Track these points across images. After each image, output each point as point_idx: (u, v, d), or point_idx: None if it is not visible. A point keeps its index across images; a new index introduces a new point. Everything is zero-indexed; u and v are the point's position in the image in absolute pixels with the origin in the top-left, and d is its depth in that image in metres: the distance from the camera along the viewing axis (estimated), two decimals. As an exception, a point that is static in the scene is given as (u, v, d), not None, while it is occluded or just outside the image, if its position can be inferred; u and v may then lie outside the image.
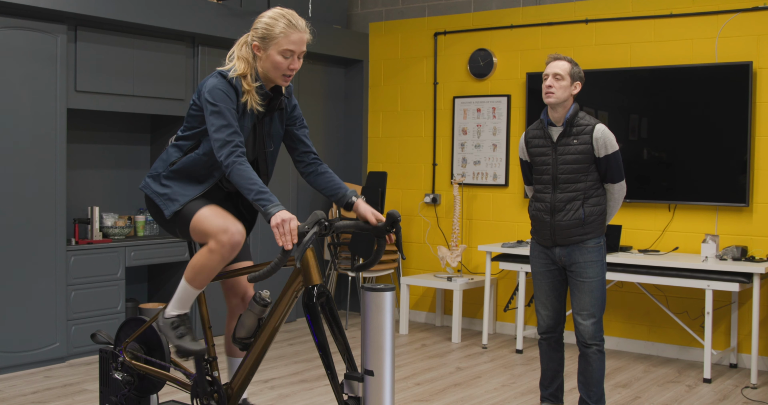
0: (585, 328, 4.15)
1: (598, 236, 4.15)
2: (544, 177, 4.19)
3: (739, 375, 5.57)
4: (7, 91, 5.18)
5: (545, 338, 4.37)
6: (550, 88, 4.08)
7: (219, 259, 3.16)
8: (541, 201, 4.21)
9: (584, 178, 4.10)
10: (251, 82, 3.18)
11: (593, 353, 4.17)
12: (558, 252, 4.18)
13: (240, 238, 3.15)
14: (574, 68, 4.12)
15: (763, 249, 5.69)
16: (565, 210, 4.11)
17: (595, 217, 4.12)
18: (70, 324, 5.52)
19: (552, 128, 4.17)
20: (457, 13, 7.06)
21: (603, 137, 4.07)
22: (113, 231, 5.92)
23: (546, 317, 4.32)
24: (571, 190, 4.11)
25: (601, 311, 4.15)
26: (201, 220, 3.17)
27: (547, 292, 4.29)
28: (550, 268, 4.25)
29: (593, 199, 4.12)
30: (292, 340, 6.38)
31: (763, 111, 5.71)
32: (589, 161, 4.09)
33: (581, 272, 4.13)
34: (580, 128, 4.10)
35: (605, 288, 4.17)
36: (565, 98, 4.09)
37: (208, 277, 3.25)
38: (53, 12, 5.28)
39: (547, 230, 4.17)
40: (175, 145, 3.32)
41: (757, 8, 5.74)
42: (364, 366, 3.00)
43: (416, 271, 7.27)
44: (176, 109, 6.10)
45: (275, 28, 3.18)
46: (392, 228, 3.21)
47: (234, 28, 6.04)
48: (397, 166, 7.40)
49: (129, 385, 3.67)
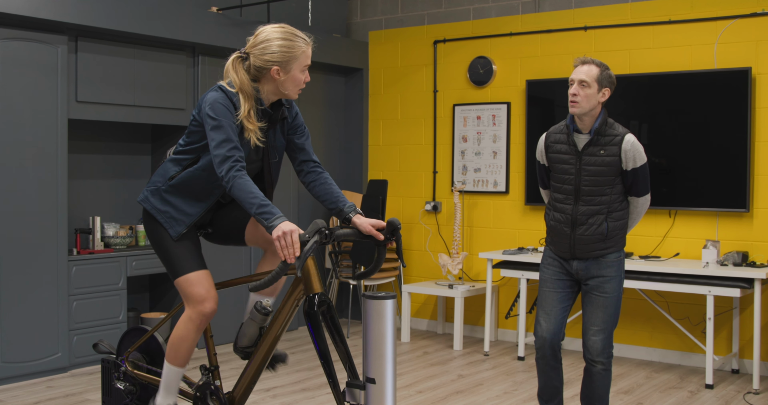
0: (594, 344, 3.92)
1: (619, 250, 3.91)
2: (566, 187, 3.90)
3: (741, 380, 5.56)
4: (8, 101, 5.19)
5: (544, 354, 4.03)
6: (575, 96, 3.77)
7: (195, 329, 3.32)
8: (561, 212, 3.93)
9: (609, 191, 3.83)
10: (255, 120, 3.15)
11: (598, 372, 3.94)
12: (576, 265, 3.93)
13: (213, 308, 3.31)
14: (603, 73, 3.79)
15: (764, 254, 5.69)
16: (588, 224, 3.84)
17: (617, 232, 3.88)
18: (72, 334, 5.52)
19: (578, 135, 3.87)
20: (457, 21, 7.08)
21: (633, 149, 3.80)
22: (115, 241, 5.93)
23: (546, 329, 3.99)
24: (595, 203, 3.83)
25: (612, 327, 3.92)
26: (187, 283, 3.30)
27: (554, 303, 3.99)
28: (563, 278, 3.99)
29: (617, 213, 3.87)
30: (293, 349, 6.38)
31: (762, 116, 5.72)
32: (615, 174, 3.82)
33: (598, 287, 3.89)
34: (609, 138, 3.81)
35: (620, 304, 3.94)
36: (591, 107, 3.79)
37: (188, 352, 3.35)
38: (54, 23, 5.30)
39: (566, 243, 3.90)
40: (174, 159, 3.31)
41: (756, 14, 5.75)
42: (365, 374, 3.00)
43: (417, 278, 7.27)
44: (177, 118, 6.11)
45: (295, 48, 3.14)
46: (393, 236, 3.21)
47: (234, 38, 6.06)
48: (398, 174, 7.41)
49: (131, 395, 3.67)
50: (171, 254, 3.32)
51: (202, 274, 3.31)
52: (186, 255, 3.31)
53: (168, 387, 3.40)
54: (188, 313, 3.31)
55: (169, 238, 3.31)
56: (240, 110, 3.11)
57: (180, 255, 3.30)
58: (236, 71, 3.15)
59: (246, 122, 3.12)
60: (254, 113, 3.15)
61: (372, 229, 3.20)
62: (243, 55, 3.18)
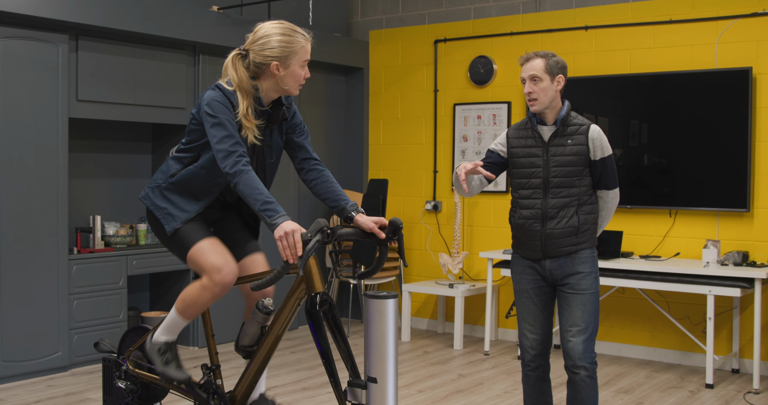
0: (574, 347, 3.63)
1: (592, 246, 3.73)
2: (533, 181, 3.72)
3: (741, 380, 5.56)
4: (9, 100, 5.19)
5: (533, 369, 3.79)
6: (531, 94, 3.65)
7: (210, 297, 3.24)
8: (529, 208, 3.72)
9: (578, 182, 3.68)
10: (253, 118, 3.15)
11: (582, 380, 3.64)
12: (548, 265, 3.70)
13: (232, 278, 3.22)
14: (549, 62, 3.65)
15: (765, 254, 5.70)
16: (558, 217, 3.66)
17: (588, 226, 3.71)
18: (72, 333, 5.52)
19: (542, 127, 3.73)
20: (457, 21, 7.08)
21: (600, 138, 3.67)
22: (115, 240, 5.93)
23: (534, 342, 3.76)
24: (564, 195, 3.67)
25: (593, 328, 3.66)
26: (199, 253, 3.23)
27: (536, 313, 3.75)
28: (539, 285, 3.75)
29: (587, 206, 3.71)
30: (294, 348, 6.38)
31: (763, 116, 5.72)
32: (583, 164, 3.67)
33: (573, 284, 3.67)
34: (575, 128, 3.69)
35: (599, 303, 3.71)
36: (551, 99, 3.66)
37: (198, 312, 3.32)
38: (55, 22, 5.30)
39: (537, 240, 3.69)
40: (176, 157, 3.33)
41: (757, 14, 5.75)
42: (367, 373, 3.00)
43: (418, 278, 7.28)
44: (177, 117, 6.12)
45: (294, 43, 3.14)
46: (394, 235, 3.21)
47: (235, 37, 6.06)
48: (398, 174, 7.41)
49: (132, 394, 3.67)
50: (177, 236, 3.29)
51: (212, 241, 3.27)
52: (192, 229, 3.28)
53: (169, 328, 3.39)
54: (204, 281, 3.22)
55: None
56: (238, 108, 3.12)
57: (186, 232, 3.28)
58: (235, 68, 3.16)
59: (244, 120, 3.12)
60: (252, 111, 3.15)
61: (374, 226, 3.20)
62: (242, 52, 3.19)
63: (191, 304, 3.29)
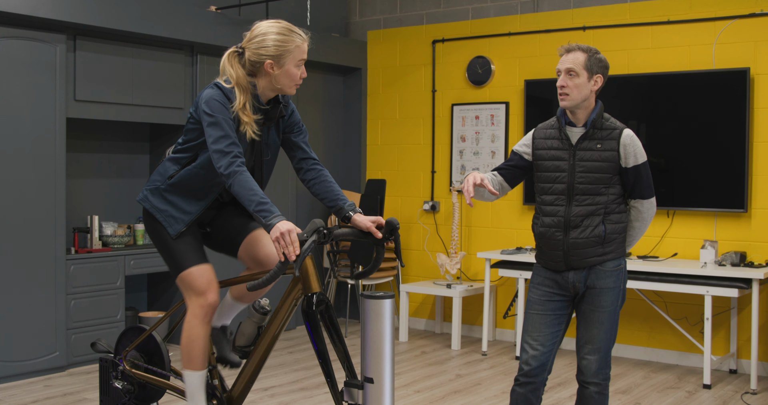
0: (588, 365, 3.46)
1: (619, 257, 3.45)
2: (557, 186, 3.44)
3: (738, 381, 5.57)
4: (7, 100, 5.19)
5: (521, 385, 3.51)
6: (564, 88, 3.37)
7: (200, 323, 3.30)
8: (551, 215, 3.45)
9: (605, 190, 3.39)
10: (251, 113, 3.15)
11: (591, 396, 3.48)
12: (572, 277, 3.44)
13: (214, 299, 3.31)
14: (591, 59, 3.39)
15: (762, 254, 5.70)
16: (582, 226, 3.39)
17: (616, 236, 3.43)
18: (69, 333, 5.51)
19: (571, 129, 3.45)
20: (455, 21, 7.08)
21: (632, 143, 3.38)
22: (113, 240, 5.93)
23: (533, 357, 3.48)
24: (589, 203, 3.39)
25: (608, 346, 3.46)
26: (191, 277, 3.30)
27: (541, 328, 3.49)
28: (555, 299, 3.50)
29: (614, 215, 3.42)
30: (291, 348, 6.38)
31: (760, 116, 5.73)
32: (613, 171, 3.39)
33: (594, 300, 3.43)
34: (606, 132, 3.40)
35: (618, 319, 3.48)
36: (583, 98, 3.37)
37: (202, 351, 3.31)
38: (52, 22, 5.30)
39: (559, 250, 3.43)
40: (173, 158, 3.32)
41: (754, 14, 5.76)
42: (363, 373, 3.00)
43: (415, 278, 7.28)
44: (175, 117, 6.11)
45: (289, 42, 3.15)
46: (391, 236, 3.21)
47: (233, 37, 6.03)
48: (396, 174, 7.41)
49: (129, 394, 3.67)
50: (173, 251, 3.31)
51: (204, 268, 3.32)
52: (188, 250, 3.31)
53: (193, 397, 3.34)
54: (191, 309, 3.30)
55: (169, 236, 3.31)
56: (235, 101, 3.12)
57: (182, 251, 3.30)
58: (232, 66, 3.17)
59: (242, 114, 3.12)
60: (250, 106, 3.15)
61: (371, 225, 3.19)
62: (239, 50, 3.19)
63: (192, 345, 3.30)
